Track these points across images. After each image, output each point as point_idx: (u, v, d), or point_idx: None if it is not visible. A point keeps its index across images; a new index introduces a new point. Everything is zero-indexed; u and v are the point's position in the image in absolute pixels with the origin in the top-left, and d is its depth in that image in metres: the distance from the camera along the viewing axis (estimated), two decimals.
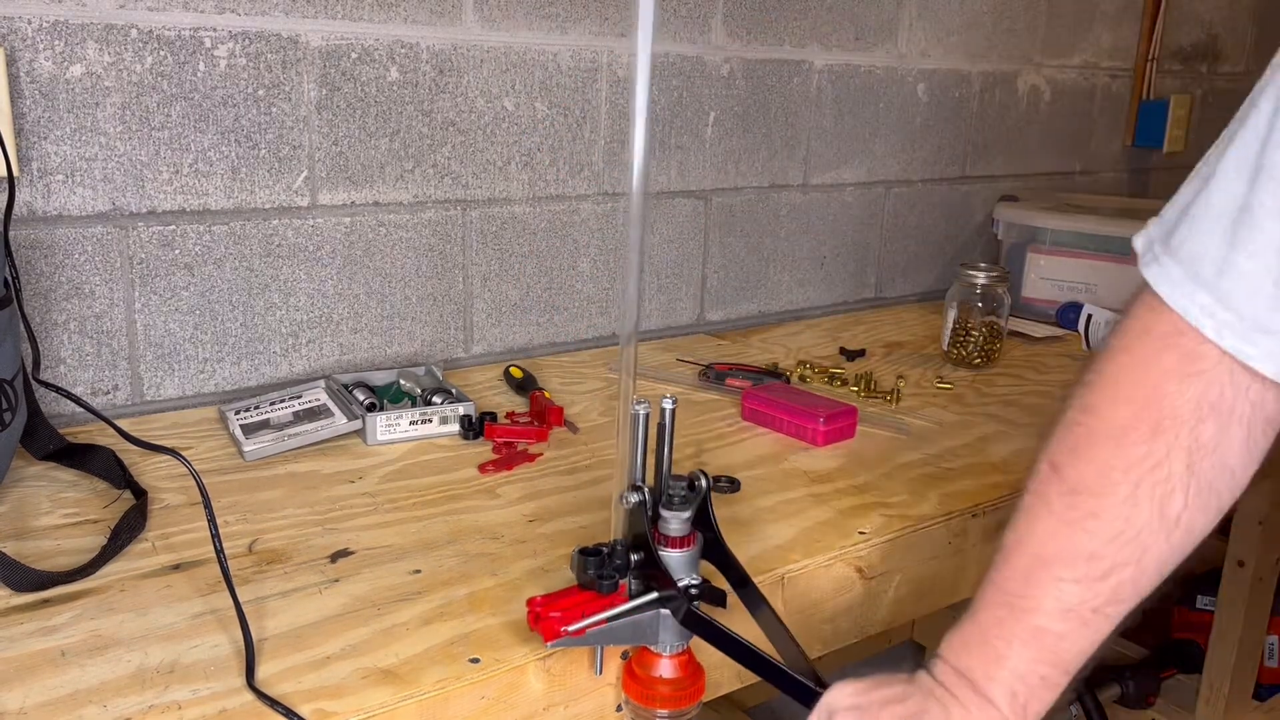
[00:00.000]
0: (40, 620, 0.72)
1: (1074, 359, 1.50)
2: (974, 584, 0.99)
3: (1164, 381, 0.60)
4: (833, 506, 0.95)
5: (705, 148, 1.52)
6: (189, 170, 1.11)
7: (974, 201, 1.93)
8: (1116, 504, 0.61)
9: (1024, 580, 0.64)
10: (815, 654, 0.86)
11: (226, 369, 1.18)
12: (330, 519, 0.89)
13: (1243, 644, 1.58)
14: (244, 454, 1.01)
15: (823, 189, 1.68)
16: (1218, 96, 2.38)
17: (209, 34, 1.10)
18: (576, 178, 1.40)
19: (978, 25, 1.82)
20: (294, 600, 0.75)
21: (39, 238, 1.05)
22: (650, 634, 0.70)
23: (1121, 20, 2.10)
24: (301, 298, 1.21)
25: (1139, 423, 0.60)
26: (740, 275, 1.62)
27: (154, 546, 0.83)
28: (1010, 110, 1.94)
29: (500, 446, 1.06)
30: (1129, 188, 2.27)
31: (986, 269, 1.43)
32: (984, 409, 1.26)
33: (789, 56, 1.58)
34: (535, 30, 1.32)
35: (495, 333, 1.38)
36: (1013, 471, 1.06)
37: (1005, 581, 0.65)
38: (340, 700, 0.64)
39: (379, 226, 1.25)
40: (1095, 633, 0.63)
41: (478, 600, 0.76)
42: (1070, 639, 0.63)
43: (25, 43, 1.00)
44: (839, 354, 1.49)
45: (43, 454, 0.98)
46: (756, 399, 1.17)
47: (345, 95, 1.19)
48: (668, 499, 0.71)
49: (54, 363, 1.08)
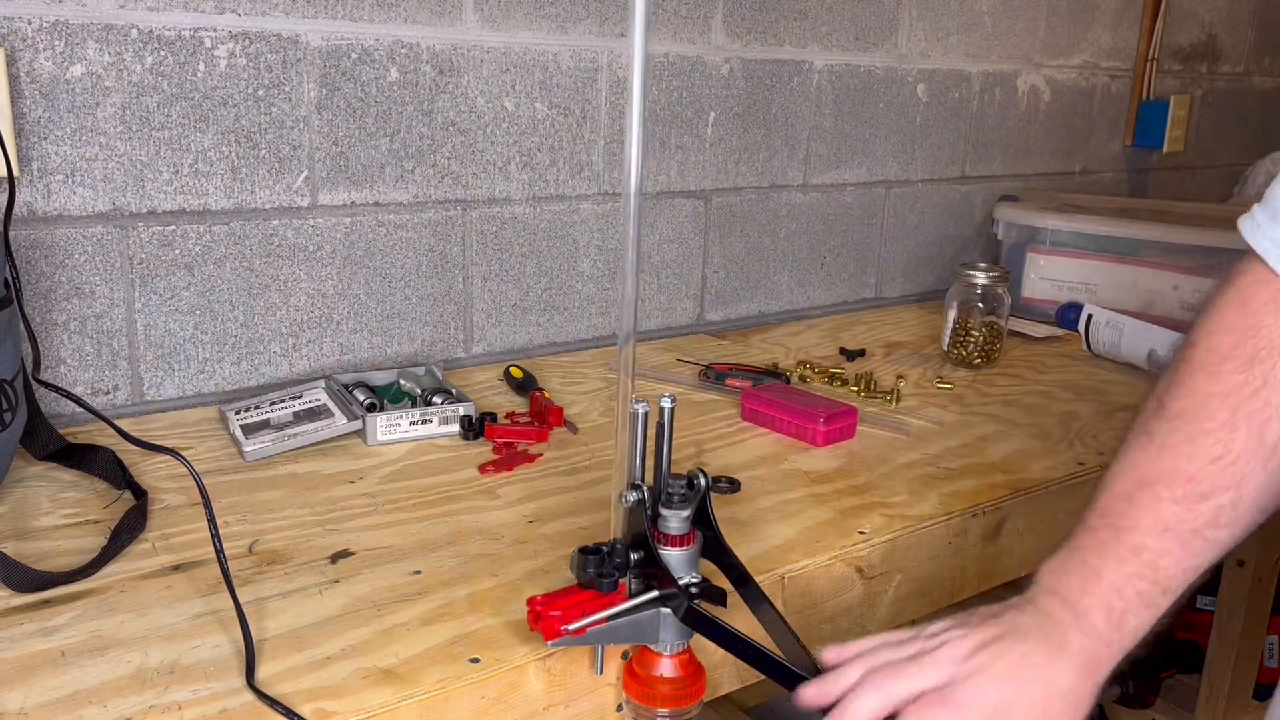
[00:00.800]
0: (40, 621, 0.72)
1: (1074, 359, 1.50)
2: (974, 584, 1.00)
3: (1260, 314, 0.65)
4: (833, 506, 0.95)
5: (705, 148, 1.52)
6: (189, 170, 1.11)
7: (974, 201, 1.93)
8: (1215, 428, 0.64)
9: (1125, 502, 0.65)
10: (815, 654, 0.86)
11: (226, 369, 1.18)
12: (330, 519, 0.89)
13: (1243, 644, 1.58)
14: (244, 454, 1.01)
15: (823, 189, 1.68)
16: (1218, 97, 2.38)
17: (209, 34, 1.10)
18: (576, 178, 1.40)
19: (978, 25, 1.82)
20: (294, 601, 0.75)
21: (39, 238, 1.05)
22: (651, 633, 0.70)
23: (1121, 20, 2.10)
24: (301, 298, 1.21)
25: (1237, 352, 0.64)
26: (740, 275, 1.62)
27: (154, 547, 0.83)
28: (1010, 110, 1.94)
29: (500, 447, 1.06)
30: (1129, 188, 2.27)
31: (986, 269, 1.43)
32: (984, 409, 1.26)
33: (789, 56, 1.58)
34: (535, 30, 1.32)
35: (495, 333, 1.38)
36: (1013, 471, 1.06)
37: (1105, 506, 0.66)
38: (340, 700, 0.64)
39: (379, 226, 1.25)
40: (1195, 556, 0.64)
41: (478, 600, 0.76)
42: (1169, 557, 0.63)
43: (25, 43, 1.00)
44: (839, 354, 1.49)
45: (43, 454, 0.98)
46: (756, 399, 1.17)
47: (345, 95, 1.19)
48: (667, 497, 0.71)
49: (54, 363, 1.08)
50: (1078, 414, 1.25)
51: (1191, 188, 2.42)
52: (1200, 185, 2.43)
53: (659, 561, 0.70)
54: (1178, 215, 1.76)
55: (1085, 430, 1.19)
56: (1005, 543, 1.01)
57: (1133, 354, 1.44)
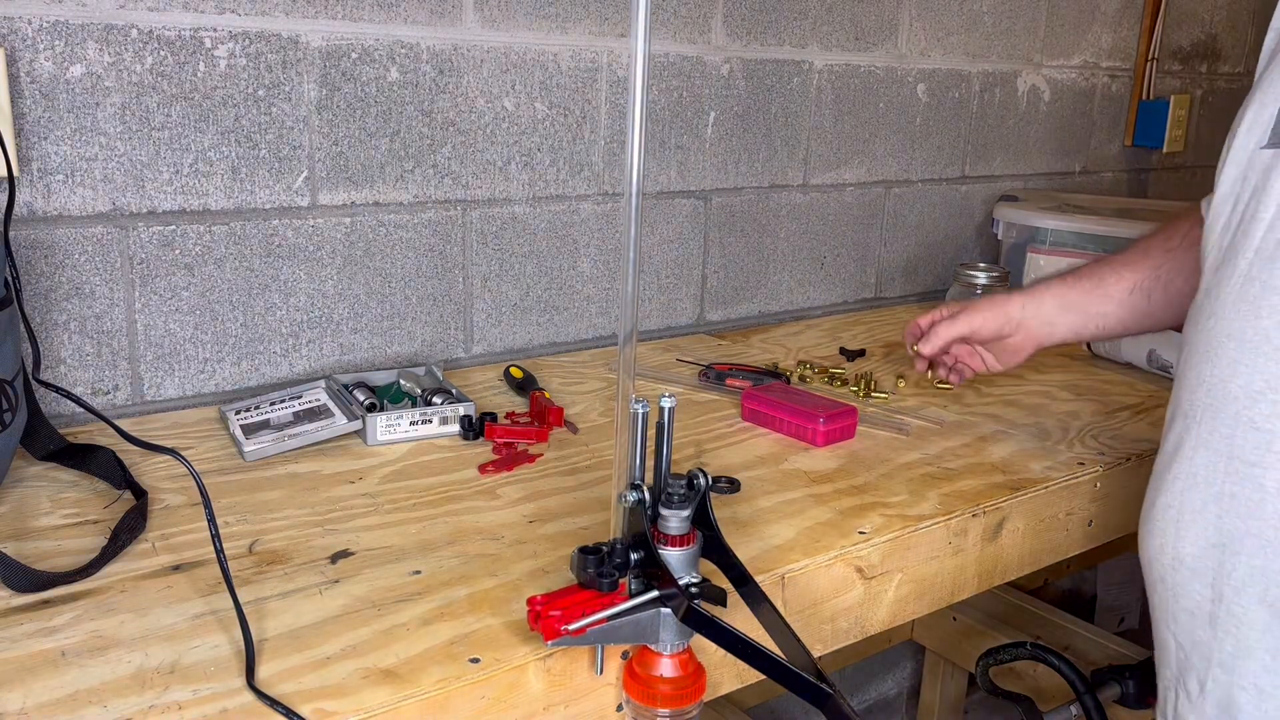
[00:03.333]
0: (40, 621, 0.72)
1: (1074, 359, 1.50)
2: (974, 584, 1.00)
3: (1181, 222, 1.00)
4: (833, 506, 0.95)
5: (705, 148, 1.52)
6: (189, 170, 1.11)
7: (974, 201, 1.93)
8: (1136, 260, 1.06)
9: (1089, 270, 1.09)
10: (815, 654, 0.86)
11: (226, 369, 1.18)
12: (330, 519, 0.89)
13: None
14: (244, 454, 1.01)
15: (823, 189, 1.68)
16: (1218, 96, 2.38)
17: (209, 34, 1.10)
18: (576, 178, 1.40)
19: (978, 25, 1.82)
20: (294, 601, 0.75)
21: (39, 238, 1.05)
22: (651, 633, 0.70)
23: (1121, 20, 2.10)
24: (301, 298, 1.21)
25: (1169, 232, 1.02)
26: (740, 275, 1.62)
27: (154, 547, 0.83)
28: (1010, 110, 1.94)
29: (500, 447, 1.06)
30: (1129, 188, 2.27)
31: (986, 269, 1.43)
32: (984, 409, 1.26)
33: (789, 56, 1.58)
34: (535, 30, 1.32)
35: (495, 333, 1.38)
36: (1013, 471, 1.06)
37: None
38: (340, 700, 0.64)
39: (379, 226, 1.25)
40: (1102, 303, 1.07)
41: (478, 601, 0.76)
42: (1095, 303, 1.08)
43: (25, 43, 1.00)
44: (839, 354, 1.49)
45: (43, 454, 0.98)
46: (756, 399, 1.17)
47: (345, 95, 1.19)
48: (667, 497, 0.71)
49: (54, 363, 1.08)
50: (1078, 414, 1.25)
51: (1191, 188, 2.41)
52: (1200, 185, 2.43)
53: (659, 561, 0.70)
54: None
55: (1085, 430, 1.19)
56: (1005, 543, 1.01)
57: (1133, 354, 1.44)
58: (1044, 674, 1.49)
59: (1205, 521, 0.75)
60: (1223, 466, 0.74)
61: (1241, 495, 0.72)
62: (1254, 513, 0.72)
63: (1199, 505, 0.76)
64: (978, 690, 1.56)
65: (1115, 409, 1.27)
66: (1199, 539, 0.76)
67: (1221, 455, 0.74)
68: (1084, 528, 1.08)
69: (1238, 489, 0.73)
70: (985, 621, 1.66)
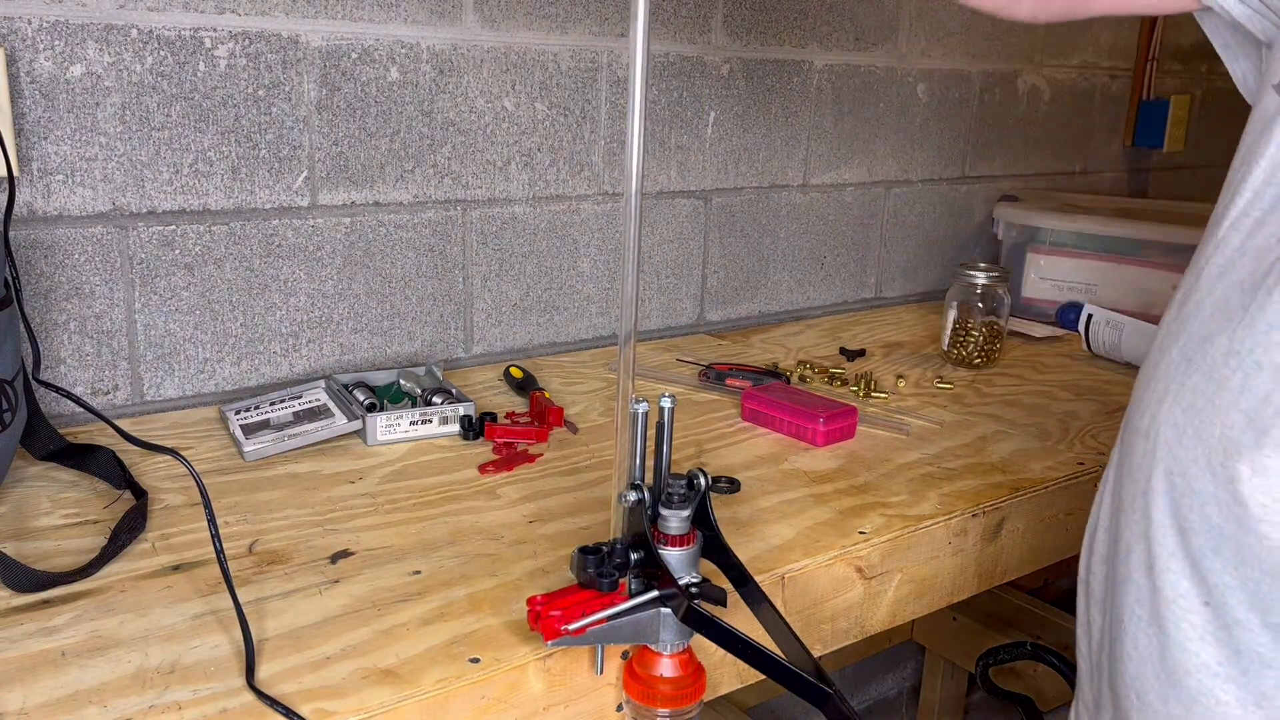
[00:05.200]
0: (40, 621, 0.72)
1: (1074, 359, 1.50)
2: (974, 584, 1.00)
3: None
4: (833, 506, 0.95)
5: (705, 148, 1.52)
6: (189, 170, 1.11)
7: (974, 201, 1.93)
8: None
9: None
10: (815, 654, 0.86)
11: (226, 369, 1.18)
12: (330, 519, 0.89)
13: None
14: (244, 454, 1.01)
15: (823, 189, 1.69)
16: (1218, 96, 2.38)
17: (209, 34, 1.10)
18: (576, 178, 1.40)
19: (978, 25, 1.82)
20: (294, 601, 0.75)
21: (39, 238, 1.05)
22: (651, 633, 0.70)
23: (1121, 20, 2.10)
24: (301, 298, 1.21)
25: None
26: (740, 275, 1.62)
27: (154, 547, 0.83)
28: (1010, 110, 1.94)
29: (500, 447, 1.06)
30: (1129, 188, 2.27)
31: (986, 269, 1.43)
32: (984, 409, 1.26)
33: (789, 56, 1.58)
34: (535, 30, 1.32)
35: (495, 333, 1.38)
36: (1013, 471, 1.06)
37: None
38: (340, 700, 0.64)
39: (379, 226, 1.25)
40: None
41: (478, 601, 0.76)
42: None
43: (25, 43, 1.00)
44: (839, 354, 1.49)
45: (43, 454, 0.98)
46: (756, 399, 1.17)
47: (345, 95, 1.19)
48: (667, 497, 0.71)
49: (54, 363, 1.08)
50: (1078, 414, 1.25)
51: (1191, 188, 2.42)
52: (1200, 185, 2.43)
53: (659, 561, 0.70)
54: (1178, 215, 1.76)
55: (1085, 430, 1.19)
56: (1005, 543, 1.01)
57: (1133, 354, 1.44)
58: (1044, 674, 1.49)
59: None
60: None
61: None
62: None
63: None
64: (978, 690, 1.56)
65: (1115, 409, 1.27)
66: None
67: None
68: (1084, 528, 1.08)
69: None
70: (985, 621, 1.66)
